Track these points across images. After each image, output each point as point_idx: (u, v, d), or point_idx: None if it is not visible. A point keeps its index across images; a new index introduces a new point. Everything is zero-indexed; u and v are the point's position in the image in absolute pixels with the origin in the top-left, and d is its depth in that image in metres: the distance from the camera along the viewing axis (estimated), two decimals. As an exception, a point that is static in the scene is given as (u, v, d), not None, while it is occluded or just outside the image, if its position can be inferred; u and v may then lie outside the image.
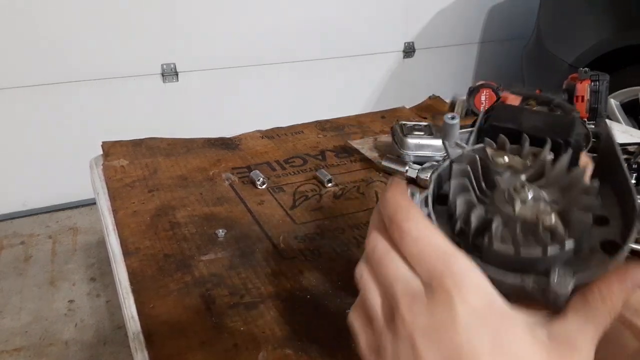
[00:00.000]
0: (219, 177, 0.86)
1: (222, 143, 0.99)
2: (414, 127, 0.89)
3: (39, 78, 2.16)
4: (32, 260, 2.05)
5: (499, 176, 0.33)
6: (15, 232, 2.22)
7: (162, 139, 0.99)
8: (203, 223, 0.72)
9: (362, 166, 0.90)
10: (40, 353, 1.62)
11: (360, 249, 0.67)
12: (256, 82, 2.54)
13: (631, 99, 1.95)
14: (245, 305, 0.57)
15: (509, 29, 3.02)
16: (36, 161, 2.27)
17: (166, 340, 0.52)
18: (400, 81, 2.88)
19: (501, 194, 0.32)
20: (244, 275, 0.62)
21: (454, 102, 1.04)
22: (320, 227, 0.72)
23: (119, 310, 0.60)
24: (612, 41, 1.94)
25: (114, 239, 0.70)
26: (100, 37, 2.20)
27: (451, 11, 2.84)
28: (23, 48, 2.10)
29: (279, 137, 1.01)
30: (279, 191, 0.81)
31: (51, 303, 1.83)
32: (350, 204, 0.78)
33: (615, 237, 0.31)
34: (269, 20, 2.46)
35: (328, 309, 0.56)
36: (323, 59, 2.65)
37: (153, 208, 0.76)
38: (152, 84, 2.36)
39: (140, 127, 1.34)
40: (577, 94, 0.99)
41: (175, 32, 2.31)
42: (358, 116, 1.12)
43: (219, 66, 2.44)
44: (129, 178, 0.85)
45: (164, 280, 0.61)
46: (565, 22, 2.19)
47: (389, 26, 2.74)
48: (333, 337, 0.52)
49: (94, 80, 2.25)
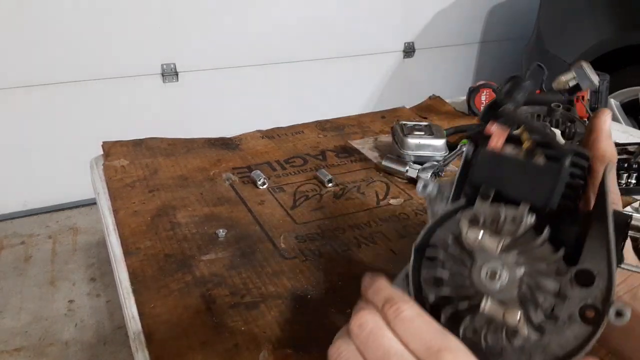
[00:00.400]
0: (219, 177, 0.86)
1: (223, 143, 0.99)
2: (414, 127, 0.90)
3: (39, 78, 2.16)
4: (32, 260, 2.05)
5: (474, 251, 0.34)
6: (15, 232, 2.22)
7: (162, 139, 0.99)
8: (203, 223, 0.72)
9: (363, 166, 0.90)
10: (40, 353, 1.62)
11: (361, 248, 0.67)
12: (256, 82, 2.54)
13: (631, 99, 1.95)
14: (246, 305, 0.57)
15: (509, 29, 3.02)
16: (36, 161, 2.27)
17: (167, 340, 0.52)
18: (400, 81, 2.88)
19: (477, 272, 0.33)
20: (244, 275, 0.62)
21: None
22: (321, 227, 0.72)
23: (119, 310, 0.60)
24: (612, 41, 1.94)
25: (115, 238, 0.70)
26: (100, 37, 2.20)
27: (451, 11, 2.84)
28: (23, 48, 2.10)
29: (279, 137, 1.01)
30: (280, 191, 0.81)
31: (51, 303, 1.83)
32: (351, 204, 0.78)
33: (596, 300, 0.31)
34: (269, 20, 2.46)
35: (329, 309, 0.56)
36: (323, 59, 2.65)
37: (153, 208, 0.76)
38: (152, 84, 2.36)
39: (140, 127, 1.34)
40: (577, 94, 0.99)
41: (175, 32, 2.31)
42: (358, 116, 1.12)
43: (219, 66, 2.44)
44: (130, 178, 0.85)
45: (164, 280, 0.61)
46: (565, 22, 2.19)
47: (389, 26, 2.74)
48: (334, 337, 0.52)
49: (94, 80, 2.25)
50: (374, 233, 0.70)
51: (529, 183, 0.33)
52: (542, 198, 0.33)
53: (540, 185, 0.33)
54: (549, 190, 0.33)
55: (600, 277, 0.31)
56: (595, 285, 0.31)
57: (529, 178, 0.33)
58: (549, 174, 0.33)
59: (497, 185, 0.35)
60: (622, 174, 0.77)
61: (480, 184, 0.35)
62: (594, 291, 0.31)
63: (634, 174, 0.77)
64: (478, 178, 0.35)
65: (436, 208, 0.40)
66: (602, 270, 0.31)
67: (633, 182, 0.77)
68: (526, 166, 0.34)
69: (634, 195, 0.77)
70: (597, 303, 0.31)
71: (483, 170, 0.35)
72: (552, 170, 0.33)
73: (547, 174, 0.33)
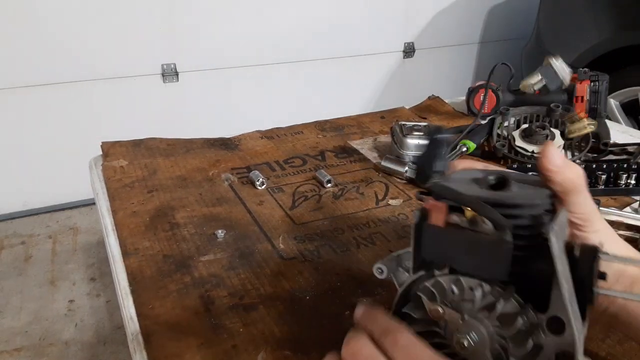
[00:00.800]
0: (218, 177, 0.86)
1: (222, 143, 0.99)
2: (413, 128, 0.89)
3: (38, 78, 2.16)
4: (32, 260, 2.05)
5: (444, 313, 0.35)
6: (15, 232, 2.22)
7: (161, 139, 0.99)
8: (202, 223, 0.72)
9: (362, 166, 0.90)
10: (40, 353, 1.62)
11: (360, 249, 0.67)
12: (256, 82, 2.54)
13: (631, 99, 1.95)
14: (245, 306, 0.57)
15: (509, 29, 3.02)
16: (36, 161, 2.27)
17: (165, 341, 0.52)
18: (400, 81, 2.88)
19: (450, 337, 0.35)
20: (243, 276, 0.62)
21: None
22: (320, 227, 0.72)
23: (119, 311, 0.60)
24: (612, 41, 1.94)
25: (113, 239, 0.70)
26: (100, 37, 2.20)
27: (451, 11, 2.84)
28: (23, 48, 2.10)
29: (278, 137, 1.01)
30: (279, 191, 0.81)
31: (51, 303, 1.83)
32: (350, 204, 0.78)
33: (569, 347, 0.32)
34: (269, 21, 2.46)
35: (328, 310, 0.56)
36: (323, 59, 2.65)
37: (152, 208, 0.76)
38: (152, 84, 2.36)
39: (140, 127, 1.34)
40: (576, 94, 0.99)
41: (175, 32, 2.31)
42: (358, 116, 1.12)
43: (219, 66, 2.44)
44: (129, 178, 0.85)
45: (163, 281, 0.61)
46: (565, 22, 2.19)
47: (389, 26, 2.74)
48: (333, 338, 0.52)
49: (94, 80, 2.25)
50: (373, 233, 0.70)
51: (477, 257, 0.33)
52: (492, 272, 0.33)
53: (488, 259, 0.33)
54: (501, 265, 0.32)
55: (569, 325, 0.32)
56: (567, 332, 0.32)
57: (475, 252, 0.33)
58: (494, 248, 0.32)
59: (447, 260, 0.35)
60: (622, 175, 0.77)
61: (431, 259, 0.36)
62: (567, 338, 0.32)
63: (633, 174, 0.77)
64: (427, 254, 0.35)
65: (401, 279, 0.41)
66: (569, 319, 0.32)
67: (633, 183, 0.77)
68: (471, 241, 0.33)
69: (633, 196, 0.77)
70: (571, 349, 0.32)
71: (430, 246, 0.35)
72: (501, 246, 0.32)
73: (493, 249, 0.32)
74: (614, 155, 0.88)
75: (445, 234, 0.34)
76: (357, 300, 0.44)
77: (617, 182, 0.78)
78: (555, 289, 0.32)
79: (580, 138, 0.88)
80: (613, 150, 0.88)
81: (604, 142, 0.88)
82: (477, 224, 0.33)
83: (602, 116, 0.98)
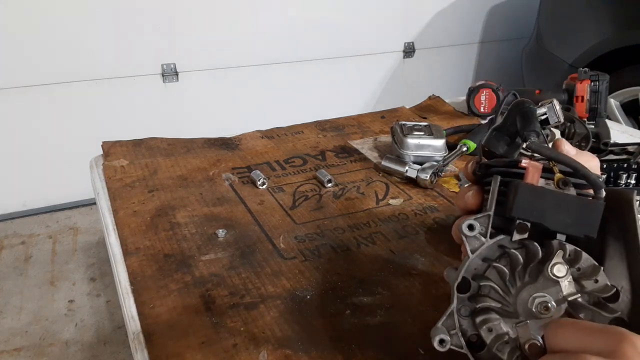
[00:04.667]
0: (219, 177, 0.86)
1: (222, 143, 0.99)
2: (413, 127, 0.90)
3: (38, 78, 2.16)
4: (32, 260, 2.05)
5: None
6: (15, 232, 2.22)
7: (162, 139, 0.99)
8: (203, 223, 0.72)
9: (362, 166, 0.90)
10: (40, 353, 1.62)
11: (360, 249, 0.67)
12: (256, 82, 2.54)
13: (631, 99, 1.95)
14: (245, 306, 0.57)
15: (509, 29, 3.02)
16: (36, 161, 2.27)
17: (166, 340, 0.52)
18: (400, 81, 2.88)
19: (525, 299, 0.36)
20: (244, 276, 0.62)
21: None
22: (320, 227, 0.72)
23: (119, 310, 0.60)
24: (612, 41, 1.94)
25: (114, 239, 0.70)
26: (100, 37, 2.20)
27: (451, 11, 2.84)
28: (23, 48, 2.10)
29: (278, 137, 1.01)
30: (279, 191, 0.81)
31: (51, 303, 1.83)
32: (350, 204, 0.78)
33: (622, 313, 0.34)
34: (268, 20, 2.46)
35: (328, 310, 0.56)
36: (323, 59, 2.65)
37: (153, 208, 0.76)
38: (152, 84, 2.36)
39: (140, 127, 1.34)
40: (577, 94, 0.99)
41: (175, 32, 2.31)
42: (358, 116, 1.12)
43: (219, 66, 2.44)
44: (129, 178, 0.85)
45: (164, 281, 0.61)
46: (565, 22, 2.19)
47: (389, 26, 2.74)
48: (333, 337, 0.52)
49: (94, 80, 2.25)
50: (374, 233, 0.70)
51: (570, 215, 0.36)
52: (585, 229, 0.35)
53: (583, 217, 0.35)
54: (592, 222, 0.35)
55: (624, 293, 0.34)
56: (620, 299, 0.34)
57: (569, 210, 0.36)
58: (591, 207, 0.35)
59: (538, 218, 0.36)
60: (622, 174, 0.77)
61: (522, 217, 0.37)
62: (620, 305, 0.34)
63: (633, 174, 0.77)
64: (520, 213, 0.37)
65: (474, 244, 0.40)
66: (625, 287, 0.34)
67: (633, 182, 0.77)
68: (566, 200, 0.36)
69: (633, 196, 0.77)
70: (623, 316, 0.34)
71: (524, 204, 0.36)
72: (595, 205, 0.35)
73: (590, 208, 0.35)
74: (614, 155, 0.88)
75: (543, 192, 0.36)
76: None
77: (617, 182, 0.78)
78: (609, 260, 0.35)
79: (580, 138, 0.88)
80: (613, 150, 0.88)
81: (604, 142, 0.88)
82: (567, 186, 0.36)
83: (602, 116, 0.98)
